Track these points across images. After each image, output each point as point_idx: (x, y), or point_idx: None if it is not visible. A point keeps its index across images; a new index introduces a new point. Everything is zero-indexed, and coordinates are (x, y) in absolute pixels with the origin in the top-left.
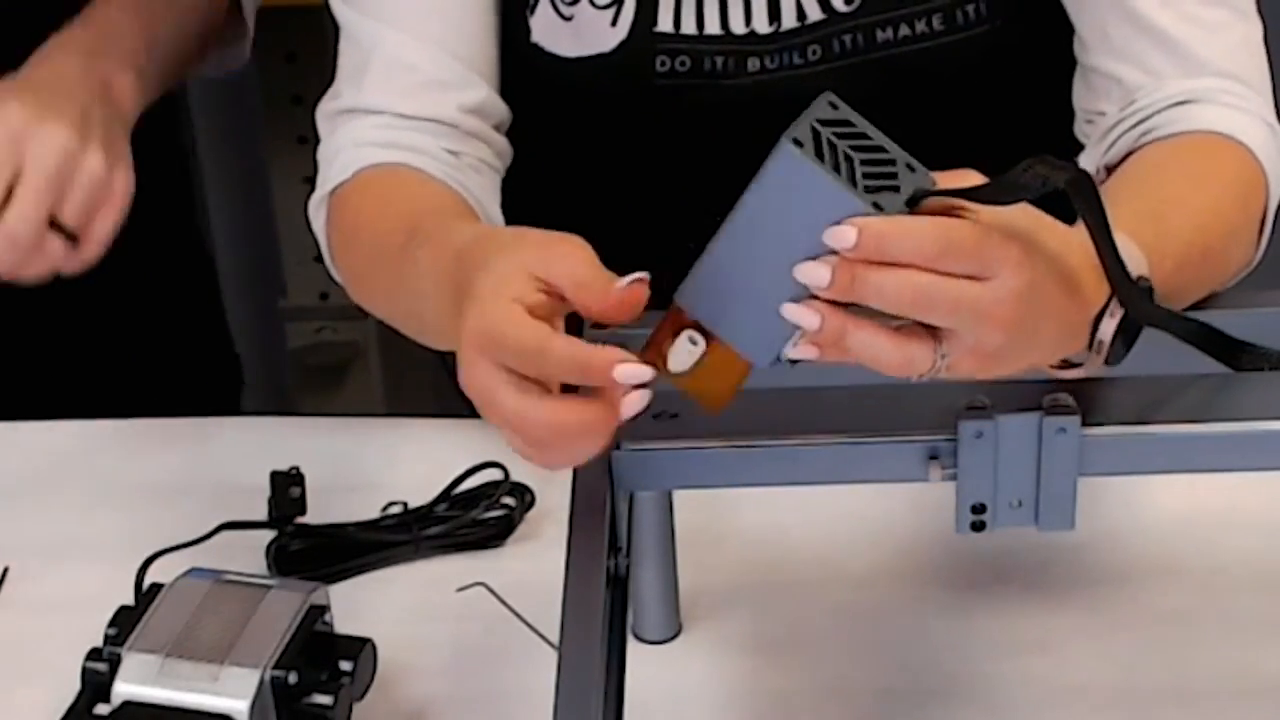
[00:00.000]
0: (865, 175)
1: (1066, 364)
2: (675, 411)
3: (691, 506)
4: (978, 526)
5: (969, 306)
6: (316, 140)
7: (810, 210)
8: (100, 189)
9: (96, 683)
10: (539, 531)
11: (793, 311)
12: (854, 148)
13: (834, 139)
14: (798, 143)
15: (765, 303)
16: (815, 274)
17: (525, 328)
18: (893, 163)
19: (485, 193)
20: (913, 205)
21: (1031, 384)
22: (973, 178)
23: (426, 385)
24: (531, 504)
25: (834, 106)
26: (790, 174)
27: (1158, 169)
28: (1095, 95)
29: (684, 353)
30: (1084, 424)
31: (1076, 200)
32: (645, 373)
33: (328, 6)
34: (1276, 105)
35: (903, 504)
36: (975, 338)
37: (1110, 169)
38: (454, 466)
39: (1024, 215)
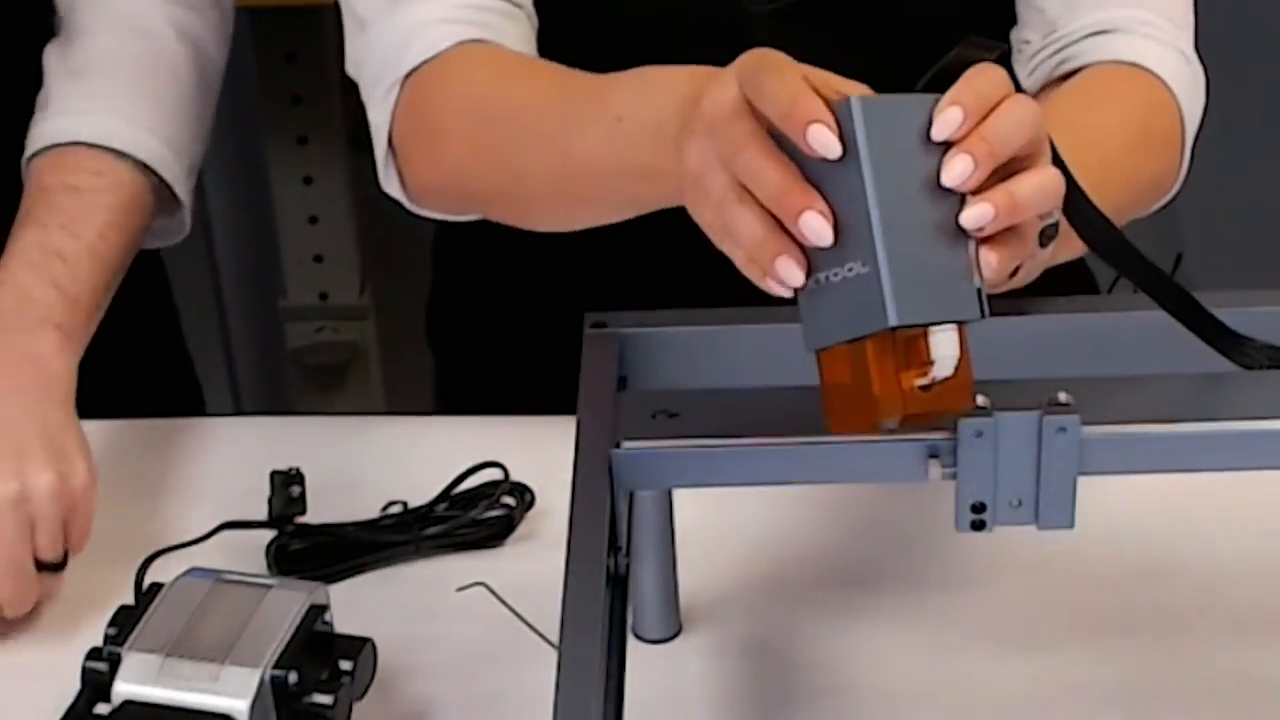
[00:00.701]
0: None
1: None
2: (675, 411)
3: (691, 506)
4: (978, 525)
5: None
6: (340, 39)
7: (911, 134)
8: (60, 504)
9: (96, 682)
10: (539, 531)
11: (970, 215)
12: None
13: None
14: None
15: (939, 253)
16: (958, 169)
17: (784, 57)
18: None
19: None
20: None
21: (1031, 383)
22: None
23: (426, 385)
24: (531, 504)
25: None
26: (879, 121)
27: (1055, 100)
28: (1022, 25)
29: (947, 348)
30: (1084, 423)
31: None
32: (834, 144)
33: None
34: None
35: (903, 504)
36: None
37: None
38: (454, 466)
39: None
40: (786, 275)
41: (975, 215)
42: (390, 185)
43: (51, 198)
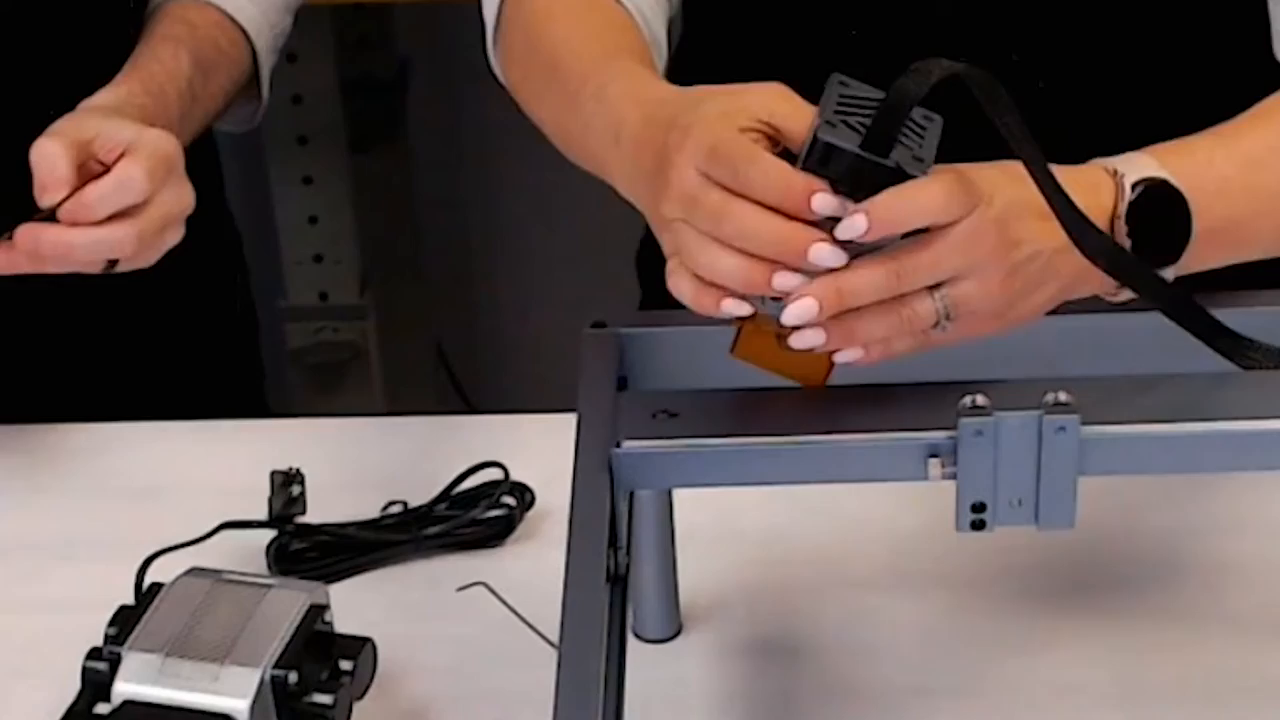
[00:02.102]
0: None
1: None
2: (675, 411)
3: (691, 506)
4: (978, 525)
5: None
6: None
7: None
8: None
9: (96, 682)
10: (539, 531)
11: (791, 313)
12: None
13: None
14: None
15: None
16: (797, 312)
17: (740, 139)
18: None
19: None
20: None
21: (1031, 383)
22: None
23: (426, 385)
24: (531, 504)
25: (845, 84)
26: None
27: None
28: None
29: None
30: (1084, 423)
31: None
32: (840, 205)
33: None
34: None
35: (903, 504)
36: (975, 277)
37: None
38: (454, 466)
39: (991, 169)
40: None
41: (796, 313)
42: (495, 62)
43: (200, 33)
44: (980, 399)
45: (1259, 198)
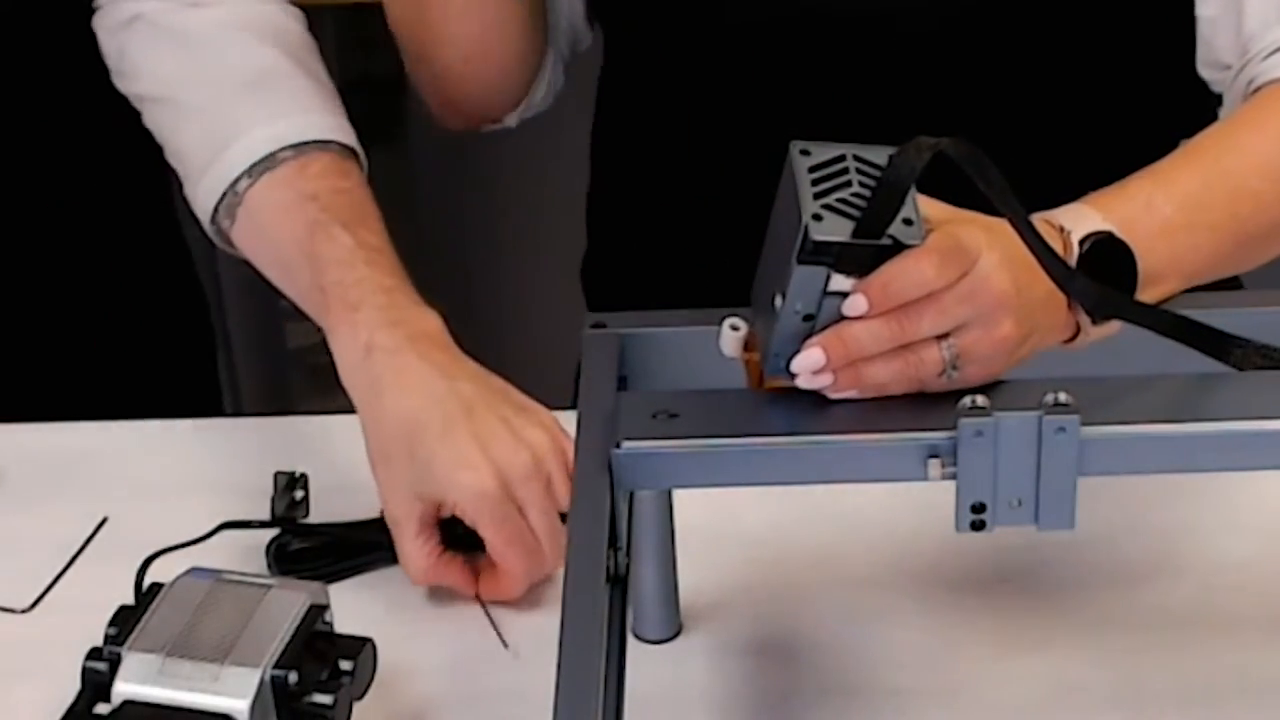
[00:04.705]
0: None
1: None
2: (675, 411)
3: (691, 506)
4: (977, 526)
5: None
6: None
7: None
8: (559, 452)
9: (96, 682)
10: None
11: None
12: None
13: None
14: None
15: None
16: (808, 362)
17: None
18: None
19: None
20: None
21: (1031, 383)
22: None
23: None
24: None
25: (806, 153)
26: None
27: (1215, 125)
28: (1216, 51)
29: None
30: (1084, 424)
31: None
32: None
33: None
34: None
35: (903, 504)
36: (982, 326)
37: None
38: None
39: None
40: None
41: (803, 363)
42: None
43: (335, 200)
44: (980, 399)
45: (1198, 233)
